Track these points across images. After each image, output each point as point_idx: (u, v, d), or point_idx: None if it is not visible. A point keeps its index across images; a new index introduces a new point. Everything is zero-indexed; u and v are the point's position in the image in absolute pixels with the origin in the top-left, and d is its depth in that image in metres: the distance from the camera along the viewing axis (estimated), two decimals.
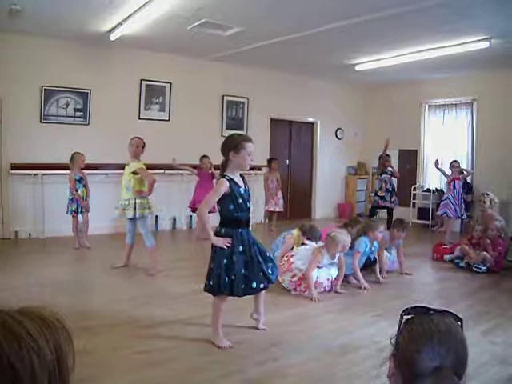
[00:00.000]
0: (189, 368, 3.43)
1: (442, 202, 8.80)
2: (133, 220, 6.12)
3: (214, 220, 8.55)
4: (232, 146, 3.82)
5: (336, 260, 5.49)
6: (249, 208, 3.95)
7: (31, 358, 0.87)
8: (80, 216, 7.55)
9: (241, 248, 3.81)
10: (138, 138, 6.18)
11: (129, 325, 4.23)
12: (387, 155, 9.43)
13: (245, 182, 3.97)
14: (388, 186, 9.28)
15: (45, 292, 5.02)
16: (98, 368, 3.29)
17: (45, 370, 0.88)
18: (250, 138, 3.94)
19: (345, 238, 5.37)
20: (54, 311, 0.98)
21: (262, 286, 3.88)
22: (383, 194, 9.23)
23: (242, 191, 3.85)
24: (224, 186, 3.75)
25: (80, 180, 7.50)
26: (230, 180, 3.79)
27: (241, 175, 3.96)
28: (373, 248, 6.07)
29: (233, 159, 3.81)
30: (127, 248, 6.31)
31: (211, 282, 3.83)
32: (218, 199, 3.80)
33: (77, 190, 7.44)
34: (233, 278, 3.74)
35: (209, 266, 3.91)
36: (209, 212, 7.95)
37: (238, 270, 3.74)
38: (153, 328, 4.17)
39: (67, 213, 7.48)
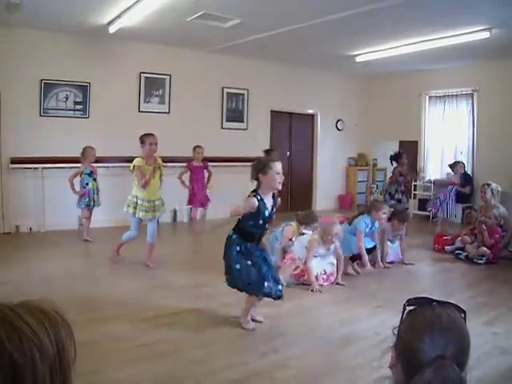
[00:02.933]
0: (191, 360, 3.44)
1: (434, 200, 8.83)
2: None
3: (208, 213, 8.60)
4: (259, 168, 3.90)
5: (332, 249, 5.51)
6: (267, 228, 4.08)
7: (32, 351, 0.87)
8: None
9: (249, 262, 3.95)
10: (152, 134, 6.07)
11: (131, 317, 4.24)
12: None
13: (274, 203, 4.05)
14: (403, 188, 9.22)
15: (46, 285, 5.02)
16: (100, 360, 3.29)
17: (46, 364, 0.88)
18: (277, 159, 4.03)
19: (335, 226, 5.40)
20: (54, 304, 0.98)
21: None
22: (400, 197, 9.13)
23: (266, 214, 3.92)
24: (252, 206, 3.84)
25: (90, 174, 7.48)
26: (260, 200, 3.87)
27: (273, 195, 4.04)
28: (373, 228, 6.07)
29: (262, 181, 3.87)
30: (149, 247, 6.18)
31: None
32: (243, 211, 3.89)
33: (87, 184, 7.43)
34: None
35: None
36: (202, 205, 7.79)
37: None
38: (155, 320, 4.18)
39: (78, 206, 7.50)
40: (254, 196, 3.86)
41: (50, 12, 6.99)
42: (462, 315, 1.25)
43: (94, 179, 7.52)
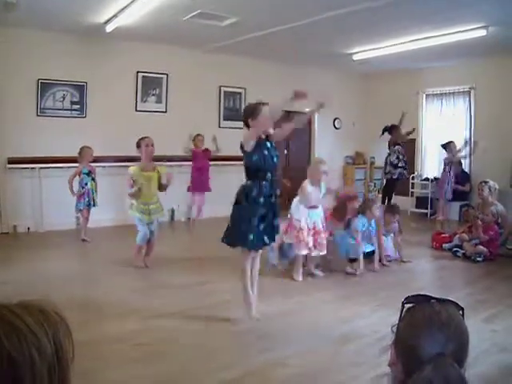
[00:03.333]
0: (190, 359, 3.44)
1: (439, 185, 8.97)
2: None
3: (206, 211, 8.62)
4: (249, 113, 3.89)
5: (324, 191, 5.66)
6: (274, 163, 4.09)
7: (31, 351, 0.87)
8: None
9: (261, 199, 3.94)
10: (148, 137, 6.08)
11: (130, 316, 4.24)
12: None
13: (271, 140, 4.13)
14: (403, 156, 9.25)
15: (45, 285, 5.01)
16: (99, 360, 3.29)
17: (44, 363, 0.88)
18: (266, 102, 4.00)
19: (322, 166, 5.67)
20: (52, 304, 0.98)
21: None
22: (403, 165, 9.13)
23: (268, 144, 4.01)
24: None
25: (89, 173, 7.46)
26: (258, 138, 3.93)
27: (267, 136, 4.10)
28: (371, 227, 6.13)
29: (253, 126, 3.87)
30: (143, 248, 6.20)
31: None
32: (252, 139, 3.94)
33: (86, 184, 7.41)
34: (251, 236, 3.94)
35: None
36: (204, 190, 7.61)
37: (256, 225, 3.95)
38: (153, 319, 4.18)
39: (77, 207, 7.48)
40: None
41: (46, 11, 6.97)
42: (461, 312, 1.25)
43: (93, 179, 7.50)
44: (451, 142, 8.82)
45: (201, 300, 4.74)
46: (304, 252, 5.55)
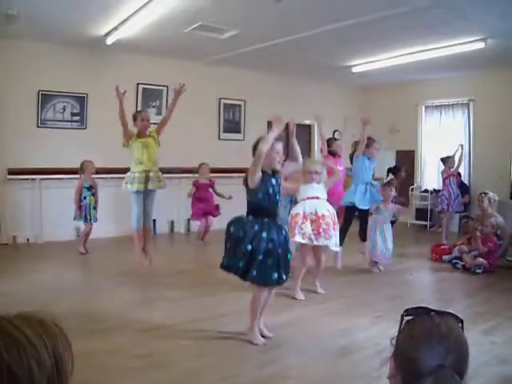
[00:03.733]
0: (188, 371, 3.42)
1: (439, 199, 8.88)
2: (148, 193, 6.08)
3: (215, 223, 8.60)
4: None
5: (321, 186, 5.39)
6: (277, 200, 3.99)
7: (30, 363, 0.86)
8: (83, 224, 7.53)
9: (264, 234, 3.78)
10: (144, 110, 6.15)
11: (128, 328, 4.23)
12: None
13: (277, 179, 4.01)
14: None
15: (44, 296, 4.99)
16: (97, 371, 3.28)
17: (44, 375, 0.88)
18: (278, 137, 3.99)
19: (315, 164, 5.45)
20: (52, 316, 0.98)
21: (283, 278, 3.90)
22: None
23: (273, 181, 3.91)
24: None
25: (89, 188, 7.43)
26: (264, 172, 3.84)
27: (273, 171, 3.99)
28: (371, 164, 6.22)
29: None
30: (141, 234, 6.15)
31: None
32: (258, 171, 3.80)
33: (85, 198, 7.37)
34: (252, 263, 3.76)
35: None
36: (214, 216, 7.81)
37: (259, 258, 3.74)
38: (152, 331, 4.16)
39: (75, 219, 7.46)
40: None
41: (47, 23, 7.02)
42: (460, 324, 1.25)
43: (93, 194, 7.47)
44: (450, 156, 8.82)
45: (199, 312, 4.73)
46: (300, 239, 5.04)
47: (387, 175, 8.77)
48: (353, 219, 6.59)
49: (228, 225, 3.94)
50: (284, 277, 3.89)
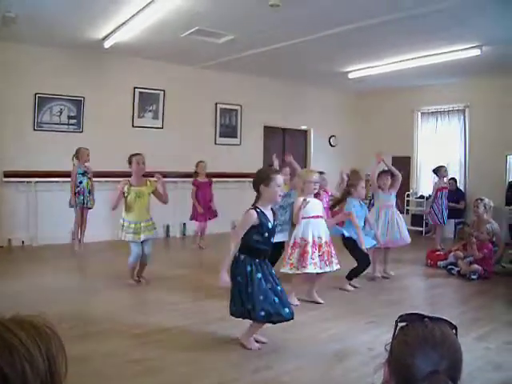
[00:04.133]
0: (182, 376, 3.41)
1: (428, 211, 8.85)
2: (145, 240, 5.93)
3: (212, 227, 8.60)
4: (262, 179, 3.85)
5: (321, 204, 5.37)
6: (272, 243, 3.97)
7: (23, 366, 0.86)
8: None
9: (259, 275, 3.81)
10: (140, 154, 6.00)
11: (123, 333, 4.21)
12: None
13: (274, 218, 3.99)
14: None
15: (39, 300, 4.98)
16: (91, 376, 3.27)
17: (37, 379, 0.88)
18: (279, 171, 3.99)
19: (314, 175, 5.25)
20: (46, 319, 0.98)
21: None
22: None
23: (270, 226, 3.86)
24: (253, 218, 3.77)
25: (84, 173, 7.57)
26: (260, 213, 3.81)
27: (272, 209, 3.98)
28: (362, 208, 6.07)
29: (263, 193, 3.84)
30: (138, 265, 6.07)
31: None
32: (244, 230, 3.80)
33: (81, 182, 7.52)
34: (249, 307, 3.77)
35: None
36: (209, 218, 7.82)
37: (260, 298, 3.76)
38: (146, 336, 4.15)
39: (71, 206, 7.54)
40: (253, 209, 3.82)
41: (45, 26, 7.03)
42: (454, 331, 1.25)
43: (89, 178, 7.56)
44: (442, 166, 8.78)
45: (194, 317, 4.72)
46: (312, 270, 5.03)
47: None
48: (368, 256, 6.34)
49: (232, 270, 3.91)
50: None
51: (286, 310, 3.84)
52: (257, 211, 3.80)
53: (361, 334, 4.36)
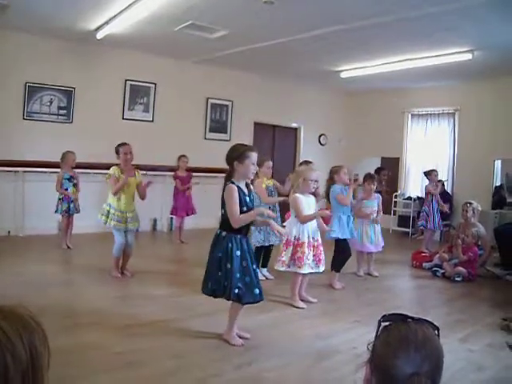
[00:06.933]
0: (165, 370, 3.41)
1: (421, 214, 8.81)
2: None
3: (190, 223, 8.60)
4: (236, 155, 3.85)
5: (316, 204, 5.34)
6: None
7: (5, 356, 0.86)
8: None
9: (238, 253, 3.82)
10: (126, 143, 5.97)
11: (108, 325, 4.20)
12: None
13: (249, 190, 4.00)
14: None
15: (22, 290, 4.95)
16: (75, 368, 3.26)
17: (18, 369, 0.87)
18: (254, 148, 3.97)
19: (314, 172, 5.21)
20: (29, 310, 0.97)
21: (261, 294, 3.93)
22: None
23: (247, 199, 3.89)
24: (235, 191, 3.78)
25: (70, 179, 7.40)
26: (238, 187, 3.82)
27: (246, 183, 3.99)
28: (345, 193, 6.02)
29: (237, 169, 3.85)
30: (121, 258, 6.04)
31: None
32: (237, 205, 3.78)
33: (66, 189, 7.34)
34: (226, 284, 3.79)
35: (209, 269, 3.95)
36: (187, 214, 7.81)
37: (237, 276, 3.78)
38: (131, 329, 4.15)
39: (56, 212, 7.40)
40: (231, 183, 3.83)
41: (38, 15, 6.97)
42: (436, 332, 1.26)
43: (74, 184, 7.44)
44: (433, 170, 8.76)
45: (178, 311, 4.72)
46: (307, 270, 5.04)
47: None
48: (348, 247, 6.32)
49: (212, 246, 3.95)
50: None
51: (257, 290, 3.86)
52: (235, 185, 3.83)
53: (345, 333, 4.38)
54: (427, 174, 8.70)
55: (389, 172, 9.62)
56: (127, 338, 3.96)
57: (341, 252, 5.99)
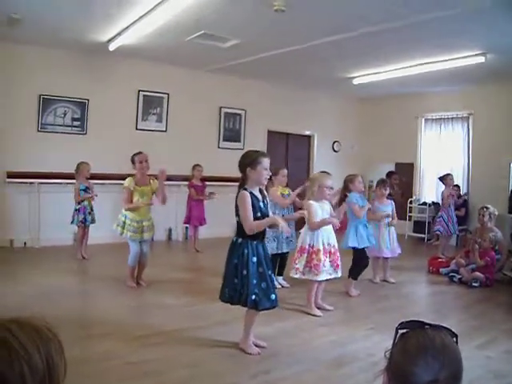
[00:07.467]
0: (180, 380, 3.41)
1: (437, 220, 8.72)
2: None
3: (204, 232, 8.63)
4: (248, 161, 3.85)
5: (329, 210, 5.24)
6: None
7: (22, 367, 0.86)
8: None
9: (254, 259, 3.82)
10: (142, 152, 5.93)
11: (122, 335, 4.21)
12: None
13: (263, 196, 4.00)
14: None
15: (39, 301, 4.98)
16: (90, 378, 3.26)
17: (35, 379, 0.88)
18: (266, 154, 3.97)
19: (329, 179, 5.14)
20: (45, 321, 0.98)
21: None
22: None
23: (261, 205, 3.89)
24: (248, 197, 3.79)
25: (86, 190, 7.45)
26: (251, 193, 3.83)
27: (260, 189, 3.99)
28: (363, 204, 6.05)
29: (250, 175, 3.86)
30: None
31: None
32: (250, 211, 3.78)
33: (83, 201, 7.40)
34: (242, 291, 3.80)
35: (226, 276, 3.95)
36: (200, 224, 7.81)
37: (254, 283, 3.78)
38: (146, 338, 4.15)
39: (72, 223, 7.45)
40: (244, 189, 3.84)
41: (50, 28, 7.05)
42: (455, 339, 1.25)
43: (90, 197, 7.48)
44: (448, 174, 8.72)
45: (193, 320, 4.71)
46: (324, 277, 5.02)
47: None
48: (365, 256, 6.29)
49: (229, 253, 3.95)
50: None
51: (273, 296, 3.86)
52: (248, 191, 3.83)
53: (361, 340, 4.35)
54: (442, 178, 8.65)
55: (401, 177, 9.58)
56: (142, 347, 3.96)
57: (358, 261, 5.97)
